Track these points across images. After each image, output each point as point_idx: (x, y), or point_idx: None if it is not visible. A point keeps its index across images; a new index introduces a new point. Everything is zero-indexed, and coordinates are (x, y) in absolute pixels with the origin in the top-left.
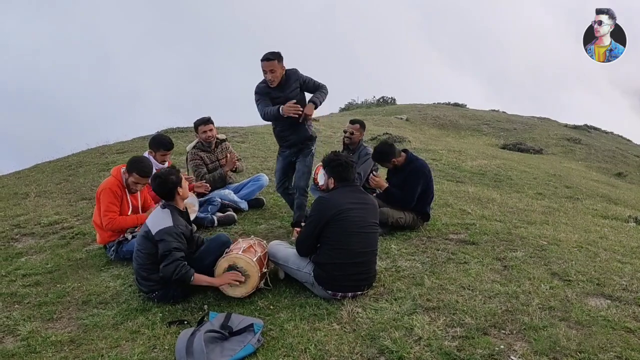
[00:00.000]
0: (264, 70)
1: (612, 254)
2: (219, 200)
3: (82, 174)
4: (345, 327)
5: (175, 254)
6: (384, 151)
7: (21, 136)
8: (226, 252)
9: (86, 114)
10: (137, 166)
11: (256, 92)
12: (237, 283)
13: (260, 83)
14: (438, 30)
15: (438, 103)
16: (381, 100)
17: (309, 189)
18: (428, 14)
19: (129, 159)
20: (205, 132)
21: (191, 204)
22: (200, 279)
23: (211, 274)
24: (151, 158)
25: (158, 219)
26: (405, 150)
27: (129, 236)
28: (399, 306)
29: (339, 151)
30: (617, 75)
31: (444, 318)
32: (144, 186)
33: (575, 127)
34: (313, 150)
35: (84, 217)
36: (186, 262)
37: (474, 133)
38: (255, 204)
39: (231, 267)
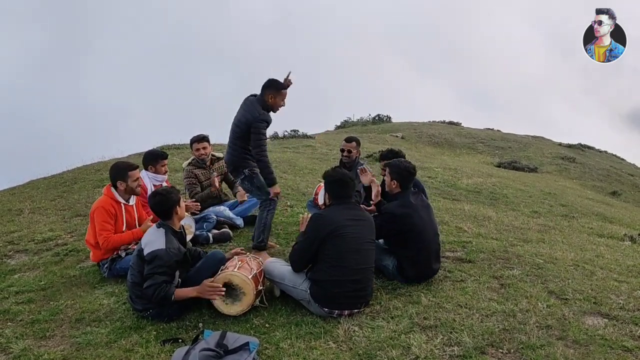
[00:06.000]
0: (284, 99)
1: (609, 273)
2: (215, 217)
3: (77, 191)
4: (341, 346)
5: (157, 278)
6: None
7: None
8: (221, 270)
9: (70, 132)
10: (119, 166)
11: (266, 122)
12: (216, 297)
13: (260, 108)
14: (424, 49)
15: (433, 121)
16: (377, 118)
17: (305, 205)
18: (416, 34)
19: (113, 171)
20: (198, 149)
21: (188, 225)
22: (180, 294)
23: None
24: (149, 175)
25: (152, 239)
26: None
27: (123, 253)
28: (396, 324)
29: (339, 167)
30: (600, 91)
31: (442, 337)
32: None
33: (570, 146)
34: None
35: (78, 234)
36: (166, 285)
37: (469, 151)
38: (251, 220)
39: (226, 285)
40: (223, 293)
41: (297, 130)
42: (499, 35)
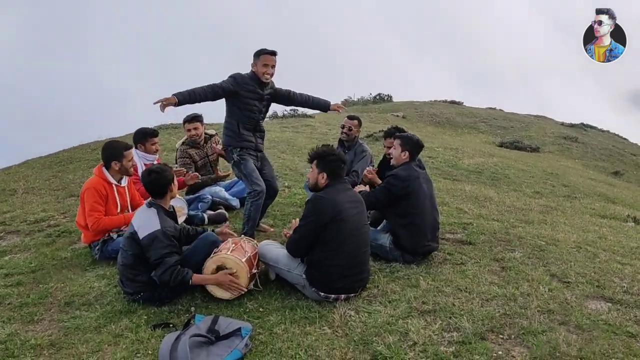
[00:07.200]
0: (265, 64)
1: (612, 255)
2: (210, 197)
3: (72, 170)
4: (337, 331)
5: (168, 261)
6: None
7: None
8: (214, 253)
9: (68, 111)
10: (113, 145)
11: (234, 78)
12: (233, 287)
13: (243, 74)
14: (421, 28)
15: (435, 100)
16: (377, 97)
17: (302, 185)
18: (413, 13)
19: (108, 150)
20: (189, 130)
21: (180, 207)
22: (198, 279)
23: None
24: (139, 153)
25: (144, 220)
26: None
27: (114, 235)
28: (394, 309)
29: (331, 145)
30: (600, 72)
31: (440, 322)
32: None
33: (572, 126)
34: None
35: (71, 215)
36: (180, 267)
37: (471, 131)
38: None
39: (220, 268)
40: (244, 292)
41: (297, 110)
42: (498, 14)
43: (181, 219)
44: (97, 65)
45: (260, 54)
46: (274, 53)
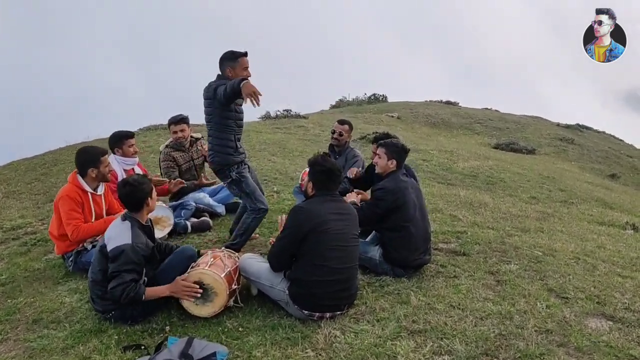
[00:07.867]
0: (245, 67)
1: (612, 267)
2: (194, 204)
3: (55, 173)
4: (320, 354)
5: (124, 276)
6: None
7: None
8: (192, 267)
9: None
10: (89, 151)
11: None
12: (192, 299)
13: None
14: (414, 26)
15: (430, 101)
16: (372, 97)
17: (292, 190)
18: (405, 11)
19: (83, 157)
20: (175, 132)
21: (166, 217)
22: (151, 293)
23: None
24: (118, 159)
25: (116, 233)
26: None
27: (89, 246)
28: (382, 329)
29: (329, 154)
30: (595, 71)
31: (431, 344)
32: (109, 173)
33: (568, 127)
34: None
35: (49, 221)
36: (135, 284)
37: (467, 132)
38: (233, 208)
39: (197, 284)
40: (199, 294)
41: (290, 110)
42: (493, 11)
43: (167, 230)
44: (86, 59)
45: (236, 57)
46: (247, 54)
